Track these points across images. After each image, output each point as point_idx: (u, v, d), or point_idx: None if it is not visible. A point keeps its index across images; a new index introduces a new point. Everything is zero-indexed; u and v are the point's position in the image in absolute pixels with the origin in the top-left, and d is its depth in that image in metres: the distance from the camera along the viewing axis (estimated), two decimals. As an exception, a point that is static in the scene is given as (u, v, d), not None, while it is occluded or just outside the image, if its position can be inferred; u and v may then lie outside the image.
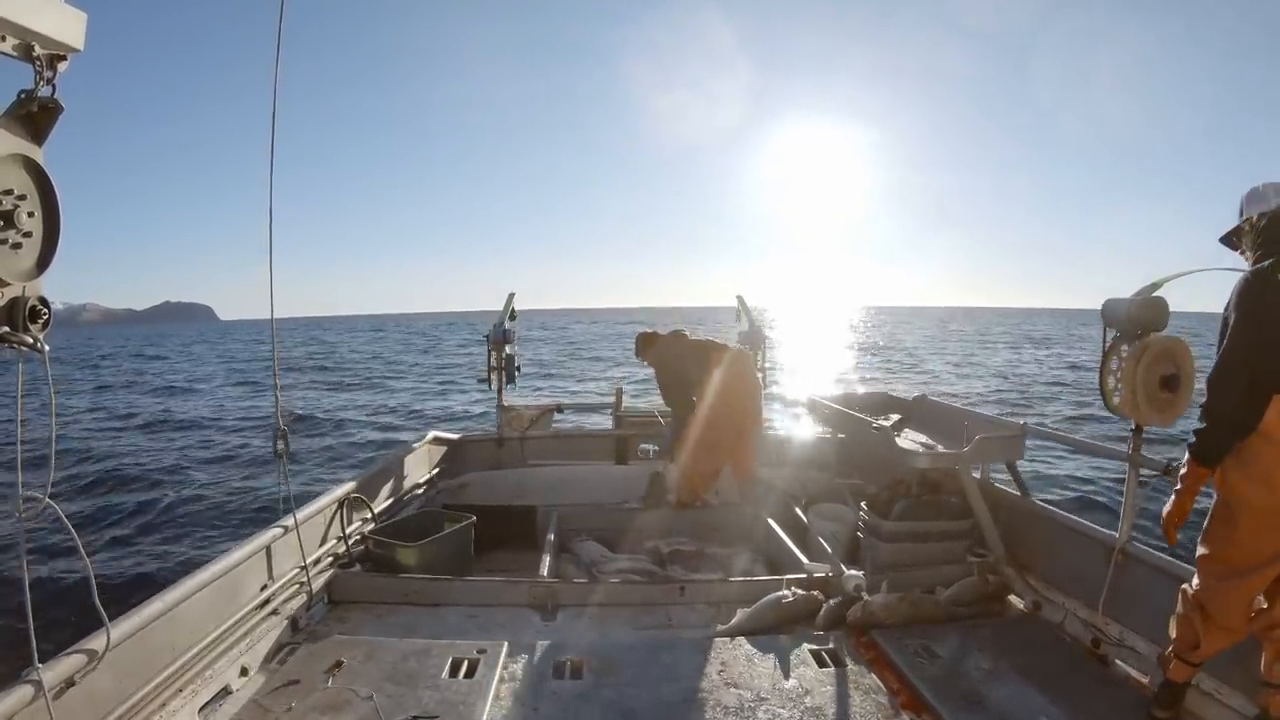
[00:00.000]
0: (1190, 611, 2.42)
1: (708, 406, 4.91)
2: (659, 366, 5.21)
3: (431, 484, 5.29)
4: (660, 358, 5.20)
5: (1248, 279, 2.27)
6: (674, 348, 5.20)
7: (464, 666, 2.86)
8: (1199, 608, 2.40)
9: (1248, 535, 2.26)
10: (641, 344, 5.33)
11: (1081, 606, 3.25)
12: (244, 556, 3.02)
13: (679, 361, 5.11)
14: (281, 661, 2.94)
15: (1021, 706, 2.61)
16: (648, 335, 5.34)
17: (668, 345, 5.23)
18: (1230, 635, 2.37)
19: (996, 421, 4.29)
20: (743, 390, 4.98)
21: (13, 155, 1.50)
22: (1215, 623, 2.36)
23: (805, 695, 2.69)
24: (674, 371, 5.14)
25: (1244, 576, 2.28)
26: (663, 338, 5.29)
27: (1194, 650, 2.42)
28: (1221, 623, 2.35)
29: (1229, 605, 2.33)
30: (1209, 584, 2.37)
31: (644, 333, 5.37)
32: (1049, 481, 9.73)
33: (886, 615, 3.27)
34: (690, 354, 5.09)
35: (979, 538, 3.82)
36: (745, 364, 5.11)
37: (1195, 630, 2.40)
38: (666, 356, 5.18)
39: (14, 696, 1.87)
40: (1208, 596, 2.38)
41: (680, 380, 5.12)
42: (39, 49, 1.50)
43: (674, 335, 5.29)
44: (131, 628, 2.32)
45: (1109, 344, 3.10)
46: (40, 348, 1.56)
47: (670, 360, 5.16)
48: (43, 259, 1.57)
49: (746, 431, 5.03)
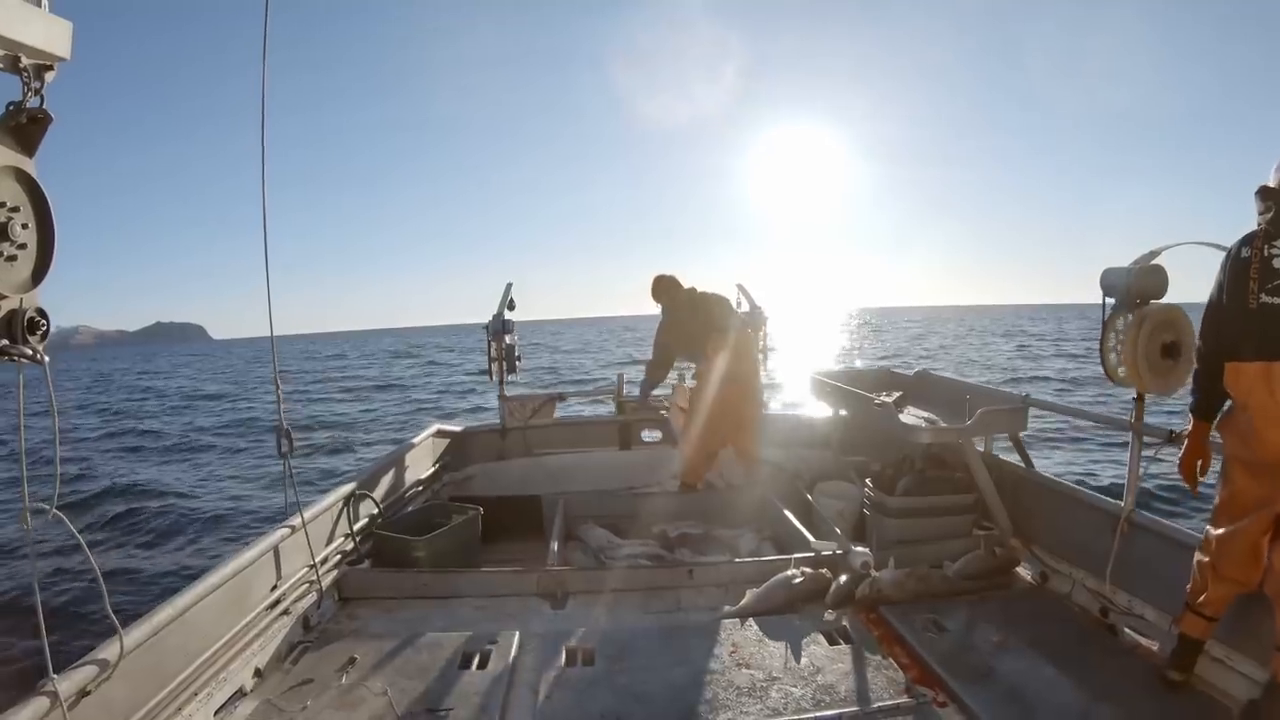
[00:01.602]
0: (1202, 557, 2.56)
1: (707, 389, 4.95)
2: (668, 318, 5.24)
3: (436, 477, 5.29)
4: (671, 312, 5.23)
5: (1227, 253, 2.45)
6: (688, 308, 5.19)
7: (476, 658, 2.88)
8: (1204, 555, 2.55)
9: (1239, 486, 2.45)
10: (657, 286, 5.26)
11: (1089, 576, 3.27)
12: (253, 557, 3.03)
13: (686, 328, 5.14)
14: (294, 661, 2.95)
15: (1031, 678, 2.64)
16: (667, 278, 5.28)
17: (683, 304, 5.20)
18: (1231, 585, 2.47)
19: (999, 394, 4.29)
20: (741, 372, 5.01)
21: (5, 168, 1.48)
22: (1218, 571, 2.48)
23: (817, 674, 2.71)
24: (675, 334, 5.20)
25: (1238, 523, 2.44)
26: (681, 291, 5.24)
27: (1201, 598, 2.53)
28: (1223, 571, 2.47)
29: (1229, 551, 2.46)
30: (1214, 533, 2.53)
31: (662, 275, 5.30)
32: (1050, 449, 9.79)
33: (895, 591, 3.29)
34: (700, 324, 5.09)
35: (984, 511, 3.84)
36: (745, 346, 5.12)
37: (1205, 577, 2.53)
38: (677, 314, 5.20)
39: (30, 708, 1.87)
40: (1214, 544, 2.52)
41: (680, 342, 5.20)
42: (25, 60, 1.49)
43: (691, 292, 5.24)
44: (144, 634, 2.32)
45: (1108, 313, 3.09)
46: (40, 359, 1.56)
47: (679, 320, 5.18)
48: (38, 271, 1.56)
49: (745, 414, 5.06)
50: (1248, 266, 2.31)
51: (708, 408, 4.94)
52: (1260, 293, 2.28)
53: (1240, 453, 2.43)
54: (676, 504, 4.83)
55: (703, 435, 5.03)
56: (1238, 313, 2.35)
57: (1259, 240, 2.32)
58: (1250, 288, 2.30)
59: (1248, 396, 2.34)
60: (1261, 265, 2.29)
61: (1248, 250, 2.34)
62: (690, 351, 5.23)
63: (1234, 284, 2.36)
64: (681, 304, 5.19)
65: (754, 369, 5.26)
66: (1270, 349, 2.27)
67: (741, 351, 5.05)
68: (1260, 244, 2.31)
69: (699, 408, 5.02)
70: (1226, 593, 2.48)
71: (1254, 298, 2.29)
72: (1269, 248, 2.29)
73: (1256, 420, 2.33)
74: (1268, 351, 2.27)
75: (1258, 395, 2.31)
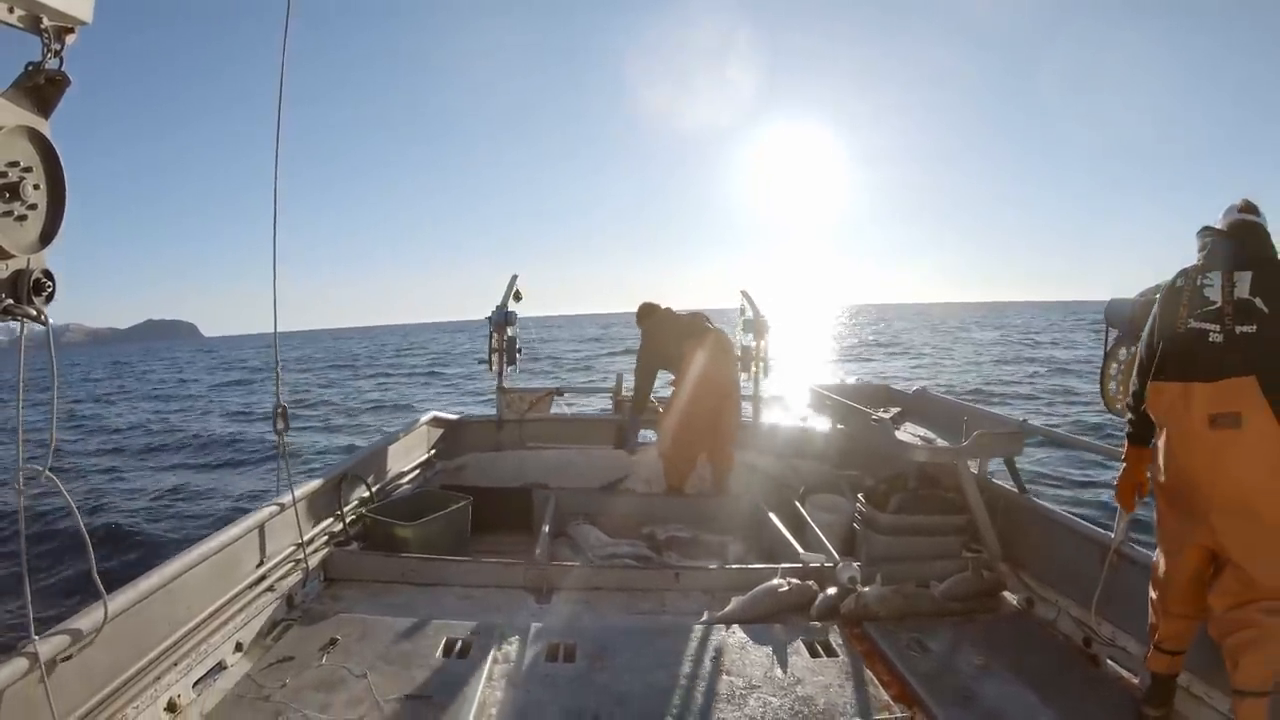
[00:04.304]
0: (1152, 593, 2.57)
1: (682, 399, 5.04)
2: (645, 338, 5.40)
3: (429, 464, 5.30)
4: (648, 330, 5.40)
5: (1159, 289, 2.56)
6: (663, 324, 5.36)
7: (458, 647, 2.88)
8: (1152, 590, 2.57)
9: (1159, 514, 2.50)
10: (638, 313, 5.52)
11: (1074, 605, 3.26)
12: (241, 533, 3.03)
13: (661, 340, 5.28)
14: (276, 638, 2.96)
15: (1012, 703, 2.63)
16: (644, 304, 5.53)
17: (659, 321, 5.39)
18: (1180, 620, 2.48)
19: (996, 417, 4.28)
20: (719, 380, 5.06)
21: (19, 127, 1.48)
22: (1165, 607, 2.51)
23: (797, 684, 2.71)
24: (652, 350, 5.33)
25: (1170, 557, 2.47)
26: (659, 311, 5.45)
27: (1157, 635, 2.54)
28: (1169, 606, 2.49)
29: (1164, 587, 2.49)
30: (1154, 565, 2.56)
31: (646, 302, 5.54)
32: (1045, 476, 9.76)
33: (880, 608, 3.28)
34: (672, 335, 5.23)
35: (975, 533, 3.83)
36: (722, 356, 5.15)
37: (1156, 614, 2.54)
38: (654, 331, 5.36)
39: (9, 668, 1.87)
40: (1153, 579, 2.56)
41: (659, 356, 5.31)
42: (47, 21, 1.49)
43: (666, 311, 5.45)
44: (128, 601, 2.33)
45: (1110, 345, 3.10)
46: (43, 320, 1.56)
47: (655, 335, 5.34)
48: (47, 232, 1.56)
49: (721, 421, 5.10)
50: (1180, 294, 2.42)
51: (681, 413, 5.04)
52: (1189, 317, 2.37)
53: (1158, 477, 2.47)
54: (667, 506, 4.83)
55: (677, 440, 5.13)
56: (1165, 335, 2.44)
57: (1194, 272, 2.43)
58: (1180, 313, 2.40)
59: (1166, 416, 2.40)
60: (1193, 293, 2.39)
61: (1182, 280, 2.45)
62: (665, 361, 5.32)
63: (1165, 310, 2.46)
64: (656, 322, 5.38)
65: (733, 376, 5.31)
66: (1191, 370, 2.33)
67: (721, 359, 5.10)
68: (1195, 274, 2.42)
69: (673, 413, 5.13)
70: (1179, 627, 2.49)
71: (1182, 322, 2.38)
72: (1202, 278, 2.39)
73: (1172, 442, 2.38)
74: (1189, 372, 2.33)
75: (1175, 414, 2.36)
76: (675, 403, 5.14)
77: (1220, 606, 2.30)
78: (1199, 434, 2.30)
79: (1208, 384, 2.27)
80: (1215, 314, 2.31)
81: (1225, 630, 2.28)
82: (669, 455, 5.21)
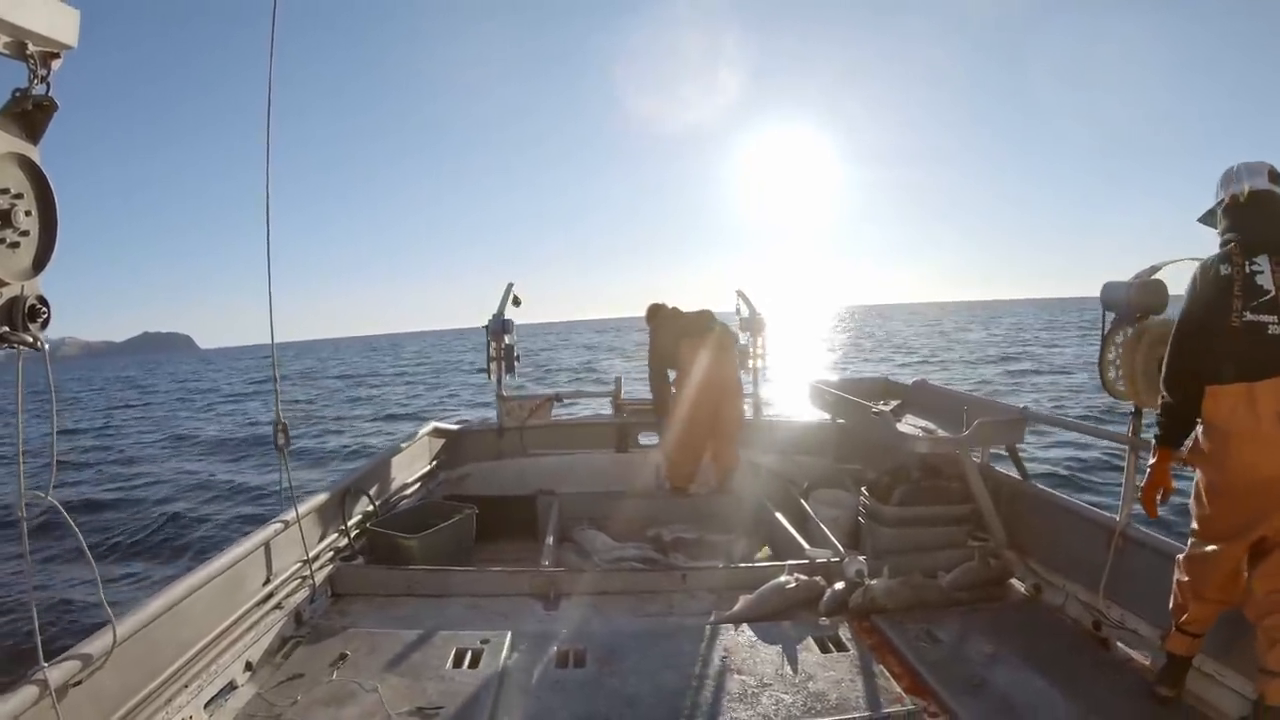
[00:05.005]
0: (1182, 576, 2.52)
1: (684, 401, 5.04)
2: (651, 338, 5.44)
3: (432, 475, 5.29)
4: (653, 330, 5.44)
5: (1194, 272, 2.39)
6: (666, 323, 5.38)
7: (468, 657, 2.87)
8: (1184, 575, 2.52)
9: (1212, 511, 2.39)
10: (646, 314, 5.59)
11: (1082, 590, 3.26)
12: (246, 551, 3.02)
13: (664, 339, 5.29)
14: (286, 655, 2.95)
15: (1023, 690, 2.63)
16: (650, 305, 5.59)
17: (663, 320, 5.41)
18: (1209, 605, 2.46)
19: (996, 406, 4.29)
20: (721, 377, 5.07)
21: (9, 154, 1.49)
22: (1198, 592, 2.46)
23: (808, 681, 2.71)
24: (657, 349, 5.36)
25: (1213, 548, 2.39)
26: (663, 310, 5.48)
27: (1184, 617, 2.51)
28: (1199, 590, 2.45)
29: (1203, 574, 2.44)
30: (1189, 554, 2.50)
31: (654, 302, 5.59)
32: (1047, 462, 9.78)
33: (888, 600, 3.28)
34: (673, 333, 5.25)
35: (980, 522, 3.83)
36: (722, 354, 5.15)
37: (1186, 597, 2.51)
38: (658, 331, 5.39)
39: (20, 696, 1.87)
40: (1188, 565, 2.50)
41: (664, 355, 5.30)
42: (32, 46, 1.49)
43: (671, 310, 5.47)
44: (136, 624, 2.32)
45: (1108, 327, 3.10)
46: (40, 346, 1.56)
47: (659, 334, 5.36)
48: (40, 258, 1.56)
49: (724, 418, 5.11)
50: (1230, 283, 2.25)
51: (684, 411, 5.04)
52: (1245, 310, 2.21)
53: (1217, 479, 2.34)
54: (671, 508, 4.83)
55: (680, 440, 5.13)
56: (1218, 332, 2.26)
57: (1238, 256, 2.27)
58: (1234, 305, 2.23)
59: (1229, 421, 2.26)
60: (1245, 282, 2.23)
61: (1227, 267, 2.27)
62: (669, 360, 5.32)
63: (1216, 302, 2.27)
64: (660, 321, 5.41)
65: (734, 374, 5.33)
66: (1253, 369, 2.20)
67: (721, 357, 5.10)
68: (1240, 259, 2.25)
69: (676, 411, 5.13)
70: (1210, 611, 2.47)
71: (1237, 315, 2.22)
72: (1250, 264, 2.23)
73: (1235, 444, 2.25)
74: (1250, 372, 2.20)
75: (1239, 418, 2.22)
76: (677, 402, 5.14)
77: (1263, 590, 2.26)
78: (1268, 435, 2.17)
79: (1275, 380, 2.16)
80: (1271, 304, 2.18)
81: (1265, 611, 2.25)
82: (672, 455, 5.20)
